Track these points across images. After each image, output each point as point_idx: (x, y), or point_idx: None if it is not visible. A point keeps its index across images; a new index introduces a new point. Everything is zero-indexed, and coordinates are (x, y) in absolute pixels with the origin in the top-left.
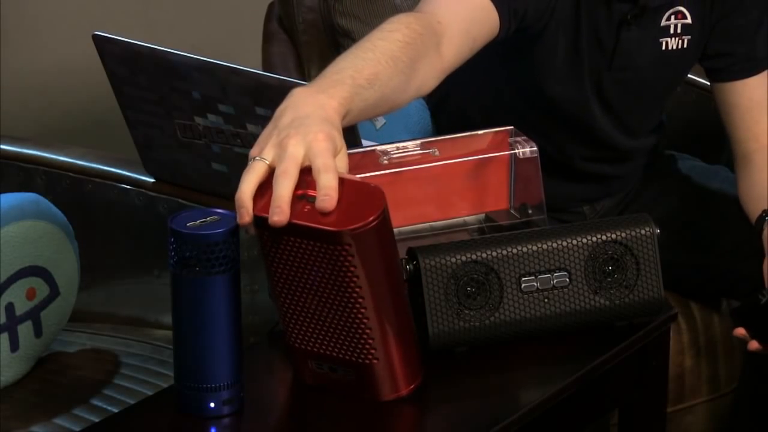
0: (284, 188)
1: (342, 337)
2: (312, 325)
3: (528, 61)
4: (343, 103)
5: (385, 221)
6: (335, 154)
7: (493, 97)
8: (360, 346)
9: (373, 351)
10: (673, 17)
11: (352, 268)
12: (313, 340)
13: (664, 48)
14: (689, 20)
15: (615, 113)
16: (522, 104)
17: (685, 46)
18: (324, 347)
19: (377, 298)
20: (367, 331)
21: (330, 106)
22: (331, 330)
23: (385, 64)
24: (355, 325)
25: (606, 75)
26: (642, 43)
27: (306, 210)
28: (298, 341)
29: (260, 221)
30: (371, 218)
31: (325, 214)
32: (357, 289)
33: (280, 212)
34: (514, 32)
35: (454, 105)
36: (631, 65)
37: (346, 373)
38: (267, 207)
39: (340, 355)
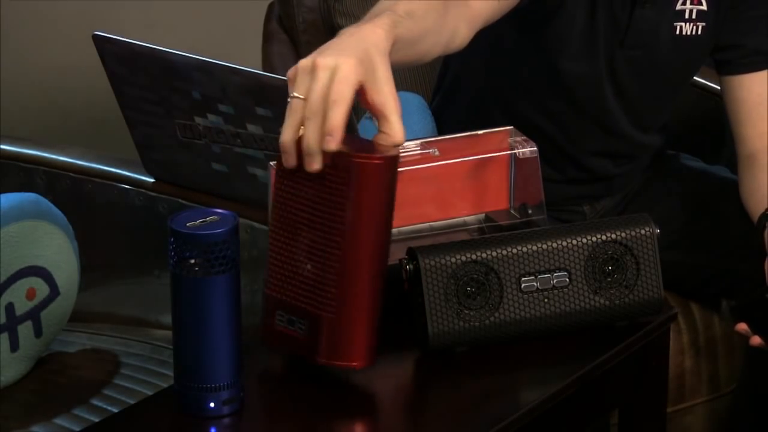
0: (312, 130)
1: (310, 282)
2: (290, 268)
3: (545, 35)
4: (389, 30)
5: (392, 167)
6: (361, 81)
7: (509, 79)
8: (322, 291)
9: (333, 303)
10: (689, 2)
11: (341, 199)
12: (285, 285)
13: (678, 32)
14: (704, 6)
15: (627, 98)
16: (537, 86)
17: (699, 32)
18: (292, 292)
19: (355, 240)
20: (333, 276)
21: (375, 32)
22: (305, 273)
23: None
24: (325, 265)
25: (618, 53)
26: (656, 24)
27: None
28: (273, 287)
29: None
30: (382, 157)
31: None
32: (339, 225)
33: (331, 140)
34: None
35: (469, 92)
36: (644, 44)
37: (300, 328)
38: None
39: (303, 304)
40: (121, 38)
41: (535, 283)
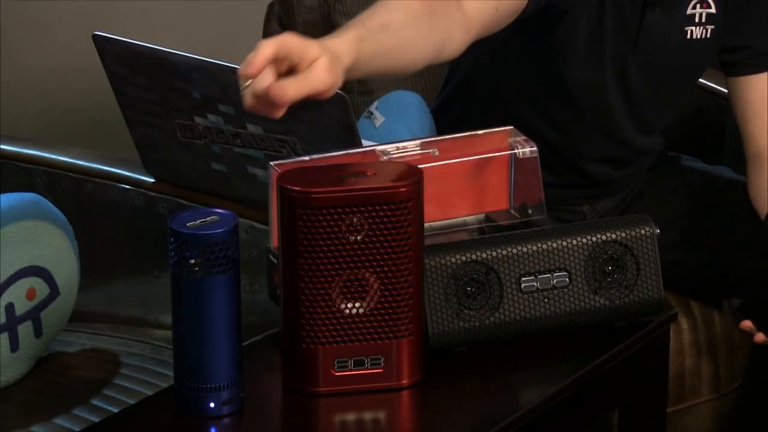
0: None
1: (381, 313)
2: (340, 314)
3: (549, 42)
4: (351, 40)
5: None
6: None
7: (511, 84)
8: (400, 316)
9: (410, 325)
10: (698, 6)
11: (408, 227)
12: (336, 332)
13: (689, 36)
14: (713, 9)
15: (636, 103)
16: (540, 92)
17: (708, 35)
18: (354, 335)
19: (420, 257)
20: (410, 301)
21: (335, 43)
22: (369, 308)
23: (397, 11)
24: (399, 291)
25: (630, 59)
26: (666, 29)
27: (358, 182)
28: (317, 339)
29: (304, 201)
30: (417, 176)
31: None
32: (408, 252)
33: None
34: (543, 8)
35: (471, 94)
36: (655, 49)
37: (377, 363)
38: (308, 186)
39: (374, 338)
40: (121, 38)
41: (535, 283)
